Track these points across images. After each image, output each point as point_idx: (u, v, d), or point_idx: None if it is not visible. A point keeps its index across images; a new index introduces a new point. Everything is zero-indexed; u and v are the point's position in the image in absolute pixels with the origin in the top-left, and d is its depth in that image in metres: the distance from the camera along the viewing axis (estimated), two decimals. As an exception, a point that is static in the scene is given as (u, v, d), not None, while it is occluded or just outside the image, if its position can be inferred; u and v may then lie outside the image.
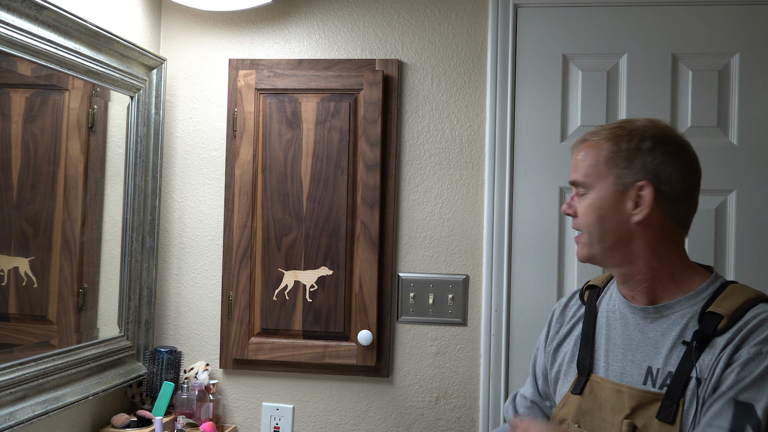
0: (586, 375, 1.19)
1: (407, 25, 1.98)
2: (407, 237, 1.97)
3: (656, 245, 1.14)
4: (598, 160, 1.14)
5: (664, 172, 1.12)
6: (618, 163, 1.13)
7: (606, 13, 1.90)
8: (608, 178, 1.14)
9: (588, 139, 1.18)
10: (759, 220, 1.83)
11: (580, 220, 1.17)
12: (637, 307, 1.17)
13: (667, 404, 1.07)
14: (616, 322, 1.19)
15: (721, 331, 1.06)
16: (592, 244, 1.16)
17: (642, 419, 1.08)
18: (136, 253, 1.92)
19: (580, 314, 1.28)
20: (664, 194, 1.12)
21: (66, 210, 1.66)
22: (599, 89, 1.89)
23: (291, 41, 2.03)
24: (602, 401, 1.15)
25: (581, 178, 1.16)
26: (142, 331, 1.94)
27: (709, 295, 1.12)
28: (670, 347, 1.10)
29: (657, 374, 1.10)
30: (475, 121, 1.95)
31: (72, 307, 1.70)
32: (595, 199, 1.14)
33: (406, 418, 1.95)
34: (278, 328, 1.97)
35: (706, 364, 1.06)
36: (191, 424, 1.84)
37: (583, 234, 1.17)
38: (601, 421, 1.14)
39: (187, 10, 2.05)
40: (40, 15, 1.48)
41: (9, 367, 1.45)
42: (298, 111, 1.97)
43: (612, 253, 1.15)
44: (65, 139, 1.64)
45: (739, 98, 1.85)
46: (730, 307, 1.08)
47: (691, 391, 1.06)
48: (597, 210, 1.14)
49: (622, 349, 1.16)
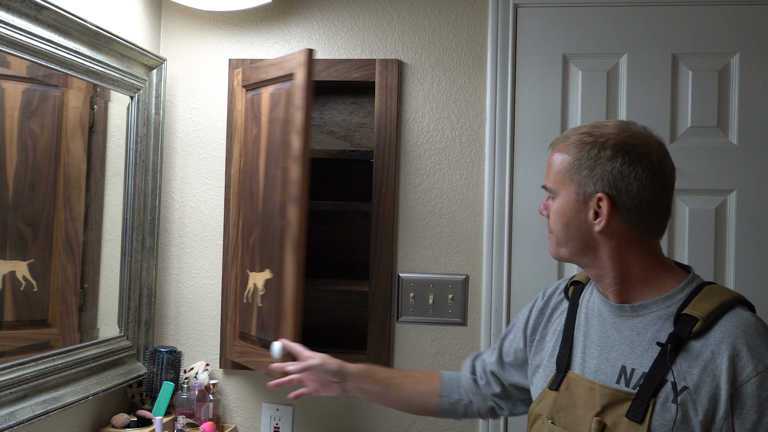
0: (564, 371, 1.20)
1: (407, 25, 1.98)
2: (407, 237, 1.97)
3: (622, 252, 1.14)
4: (564, 167, 1.16)
5: (622, 183, 1.11)
6: (580, 172, 1.14)
7: (606, 13, 1.90)
8: (571, 187, 1.15)
9: (559, 143, 1.20)
10: (759, 220, 1.83)
11: (550, 222, 1.20)
12: (614, 305, 1.17)
13: (637, 404, 1.07)
14: (595, 319, 1.20)
15: (696, 335, 1.06)
16: (560, 246, 1.19)
17: (612, 417, 1.09)
18: (136, 253, 1.92)
19: (562, 308, 1.29)
20: (624, 205, 1.11)
21: (67, 210, 1.66)
22: (599, 89, 1.89)
23: (291, 41, 2.03)
24: (576, 398, 1.16)
25: (550, 183, 1.19)
26: (142, 331, 1.94)
27: (685, 297, 1.11)
28: (645, 347, 1.11)
29: (631, 374, 1.11)
30: (475, 121, 1.95)
31: (73, 308, 1.70)
32: (560, 206, 1.17)
33: (406, 418, 1.95)
34: (245, 332, 1.90)
35: (684, 369, 1.06)
36: (191, 424, 1.84)
37: (553, 234, 1.20)
38: (574, 418, 1.15)
39: (187, 10, 2.05)
40: (40, 15, 1.48)
41: (9, 367, 1.44)
42: (259, 104, 1.88)
43: (579, 257, 1.18)
44: (65, 139, 1.64)
45: (739, 98, 1.85)
46: (705, 309, 1.08)
47: (665, 394, 1.06)
48: (562, 216, 1.17)
49: (598, 346, 1.17)
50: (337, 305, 2.08)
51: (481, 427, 1.91)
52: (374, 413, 1.97)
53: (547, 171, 1.20)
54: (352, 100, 2.07)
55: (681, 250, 1.86)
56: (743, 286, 1.83)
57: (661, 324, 1.11)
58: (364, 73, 1.96)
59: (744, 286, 1.82)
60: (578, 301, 1.26)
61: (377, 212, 1.95)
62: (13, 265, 1.49)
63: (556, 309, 1.31)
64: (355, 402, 1.97)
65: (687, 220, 1.85)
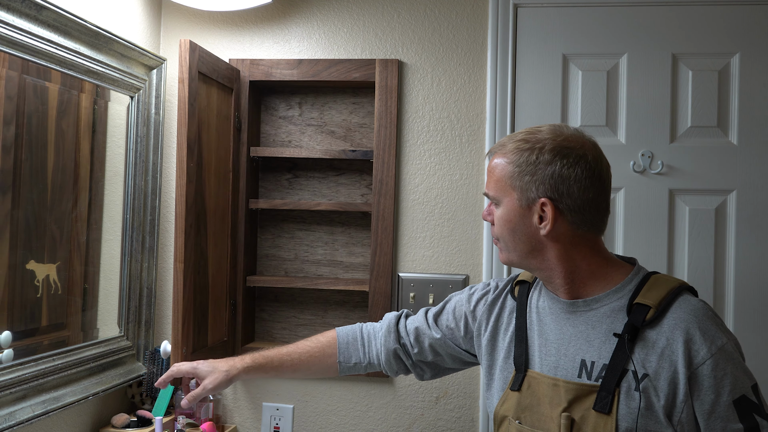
0: (523, 371, 1.21)
1: (407, 25, 1.98)
2: (407, 237, 1.97)
3: (569, 253, 1.17)
4: (504, 175, 1.17)
5: (563, 186, 1.13)
6: (522, 178, 1.15)
7: (606, 13, 1.90)
8: (513, 194, 1.17)
9: (496, 150, 1.21)
10: (759, 220, 1.83)
11: (495, 229, 1.21)
12: (566, 302, 1.19)
13: (602, 395, 1.10)
14: (547, 317, 1.22)
15: (650, 323, 1.10)
16: (509, 252, 1.21)
17: (579, 411, 1.11)
18: (136, 253, 1.92)
19: (510, 308, 1.30)
20: (567, 208, 1.14)
21: (78, 210, 1.66)
22: (599, 89, 1.89)
23: (291, 41, 2.03)
24: (540, 396, 1.17)
25: (492, 192, 1.20)
26: (142, 331, 1.94)
27: (634, 287, 1.15)
28: (602, 340, 1.13)
29: (591, 367, 1.13)
30: (475, 121, 1.95)
31: (79, 309, 1.70)
32: (504, 213, 1.18)
33: (406, 418, 1.95)
34: None
35: (643, 357, 1.09)
36: (191, 424, 1.84)
37: (499, 241, 1.22)
38: (541, 416, 1.16)
39: (187, 10, 2.05)
40: (40, 15, 1.48)
41: (9, 367, 1.44)
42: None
43: (528, 260, 1.20)
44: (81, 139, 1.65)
45: (739, 98, 1.85)
46: (656, 297, 1.11)
47: (627, 383, 1.09)
48: (507, 223, 1.18)
49: (554, 343, 1.19)
50: (337, 305, 2.08)
51: (481, 426, 1.91)
52: (374, 413, 1.97)
53: (488, 179, 1.22)
54: (352, 100, 2.08)
55: (681, 250, 1.86)
56: (743, 285, 1.83)
57: (615, 315, 1.14)
58: (364, 73, 1.96)
59: (744, 286, 1.83)
60: (526, 301, 1.28)
61: (377, 212, 1.95)
62: (48, 268, 1.48)
63: (503, 308, 1.32)
64: (356, 402, 1.97)
65: (687, 220, 1.85)
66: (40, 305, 1.45)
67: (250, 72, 2.01)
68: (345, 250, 2.08)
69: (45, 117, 1.48)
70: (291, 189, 2.11)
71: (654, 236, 1.85)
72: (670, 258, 1.86)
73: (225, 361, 1.40)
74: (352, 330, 1.47)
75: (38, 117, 1.47)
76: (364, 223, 2.06)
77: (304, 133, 2.09)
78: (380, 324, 1.47)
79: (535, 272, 1.22)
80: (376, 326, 1.47)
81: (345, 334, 1.46)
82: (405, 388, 1.96)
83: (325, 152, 1.99)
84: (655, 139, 1.86)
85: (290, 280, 2.02)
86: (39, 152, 1.46)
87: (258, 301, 2.12)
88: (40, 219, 1.46)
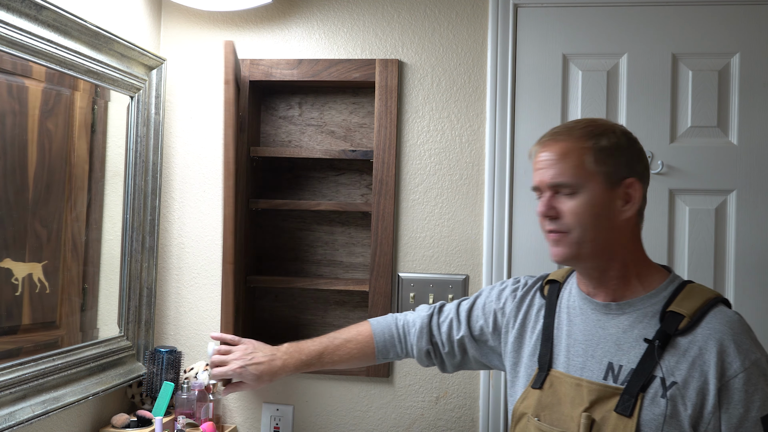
0: (546, 370, 1.21)
1: (407, 25, 1.98)
2: (407, 237, 1.97)
3: (631, 242, 1.17)
4: (584, 159, 1.14)
5: (639, 167, 1.16)
6: (605, 161, 1.14)
7: (606, 13, 1.90)
8: (597, 177, 1.14)
9: (559, 138, 1.17)
10: (759, 220, 1.83)
11: (569, 220, 1.14)
12: (598, 303, 1.18)
13: (625, 398, 1.09)
14: (577, 317, 1.21)
15: (683, 331, 1.09)
16: (581, 244, 1.15)
17: (600, 412, 1.11)
18: (136, 253, 1.92)
19: (538, 306, 1.30)
20: (643, 189, 1.16)
21: (74, 211, 1.66)
22: (599, 89, 1.89)
23: (291, 41, 2.03)
24: (562, 395, 1.17)
25: (568, 179, 1.14)
26: (142, 331, 1.94)
27: (669, 294, 1.14)
28: (632, 344, 1.13)
29: (619, 370, 1.12)
30: (475, 121, 1.95)
31: (77, 309, 1.70)
32: (588, 199, 1.13)
33: (406, 418, 1.95)
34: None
35: (672, 365, 1.08)
36: (191, 424, 1.84)
37: (570, 234, 1.15)
38: (561, 415, 1.16)
39: (187, 10, 2.05)
40: (40, 15, 1.48)
41: (9, 367, 1.44)
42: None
43: (598, 252, 1.16)
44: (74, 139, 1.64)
45: (739, 98, 1.85)
46: (690, 307, 1.10)
47: (654, 389, 1.08)
48: (591, 209, 1.13)
49: (582, 344, 1.18)
50: (337, 305, 2.08)
51: (481, 426, 1.91)
52: (374, 413, 1.97)
53: (549, 167, 1.16)
54: (352, 100, 2.07)
55: (681, 250, 1.86)
56: (743, 286, 1.83)
57: (647, 321, 1.13)
58: (364, 73, 1.96)
59: (744, 286, 1.83)
60: (556, 300, 1.27)
61: (377, 212, 1.95)
62: (31, 267, 1.48)
63: (531, 306, 1.31)
64: (356, 402, 1.97)
65: (687, 220, 1.85)
66: (19, 304, 1.44)
67: (250, 72, 2.01)
68: (345, 250, 2.08)
69: (24, 116, 1.46)
70: (291, 189, 2.11)
71: (654, 236, 1.85)
72: (670, 258, 1.86)
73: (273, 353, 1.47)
74: (388, 327, 1.48)
75: (14, 117, 1.45)
76: (364, 223, 2.06)
77: (304, 133, 2.09)
78: (413, 319, 1.47)
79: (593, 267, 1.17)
80: (409, 320, 1.47)
81: (381, 332, 1.47)
82: (405, 388, 1.96)
83: (325, 152, 1.99)
84: (655, 139, 1.86)
85: (290, 280, 2.02)
86: (16, 152, 1.44)
87: (258, 301, 2.12)
88: (20, 218, 1.45)
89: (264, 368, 1.43)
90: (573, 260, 1.17)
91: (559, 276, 1.31)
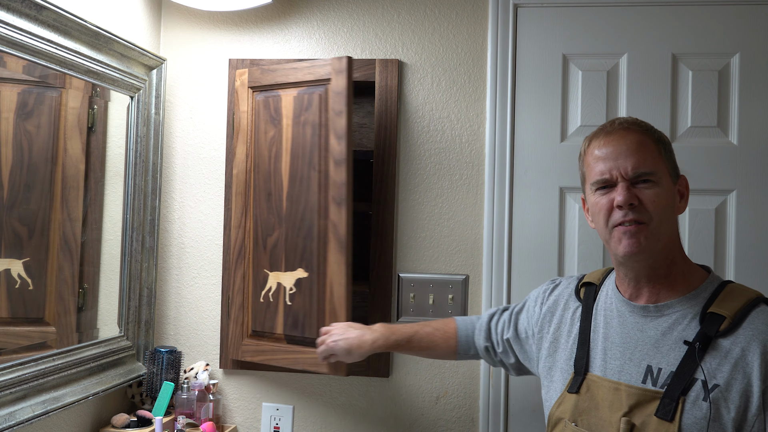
0: (583, 374, 1.19)
1: (407, 25, 1.98)
2: (407, 237, 1.96)
3: (677, 240, 1.17)
4: (656, 151, 1.15)
5: (677, 167, 1.19)
6: (669, 156, 1.17)
7: (606, 13, 1.90)
8: (667, 170, 1.16)
9: (632, 129, 1.17)
10: (759, 220, 1.83)
11: (650, 209, 1.11)
12: (636, 306, 1.16)
13: (666, 402, 1.06)
14: (614, 320, 1.19)
15: (724, 333, 1.06)
16: (657, 238, 1.12)
17: (640, 417, 1.08)
18: (136, 253, 1.92)
19: (573, 309, 1.28)
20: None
21: (66, 210, 1.66)
22: (599, 89, 1.89)
23: (291, 41, 2.03)
24: (600, 399, 1.14)
25: (649, 168, 1.13)
26: (142, 331, 1.94)
27: (708, 296, 1.12)
28: (671, 346, 1.10)
29: (658, 373, 1.10)
30: (475, 121, 1.95)
31: (72, 308, 1.70)
32: (663, 191, 1.13)
33: (406, 418, 1.95)
34: (264, 330, 1.91)
35: (714, 367, 1.05)
36: (191, 424, 1.84)
37: (649, 224, 1.11)
38: (599, 420, 1.13)
39: (187, 10, 2.05)
40: (40, 15, 1.48)
41: (9, 367, 1.45)
42: (279, 106, 1.90)
43: (665, 247, 1.14)
44: (63, 139, 1.64)
45: (739, 98, 1.84)
46: (732, 308, 1.08)
47: (695, 393, 1.05)
48: (666, 200, 1.13)
49: (620, 347, 1.16)
50: (337, 305, 2.08)
51: (481, 426, 1.91)
52: (374, 413, 1.97)
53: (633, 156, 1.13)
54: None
55: (681, 250, 1.86)
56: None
57: (687, 323, 1.10)
58: (364, 73, 1.96)
59: (744, 286, 1.83)
60: (592, 303, 1.25)
61: (377, 212, 1.95)
62: (8, 263, 1.50)
63: (567, 309, 1.30)
64: (356, 402, 1.97)
65: (687, 220, 1.85)
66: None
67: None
68: (345, 250, 2.08)
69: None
70: (291, 189, 2.11)
71: (654, 236, 1.85)
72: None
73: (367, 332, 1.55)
74: (471, 323, 1.54)
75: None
76: (365, 223, 2.06)
77: (304, 133, 2.09)
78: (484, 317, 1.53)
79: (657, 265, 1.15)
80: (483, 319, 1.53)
81: (465, 328, 1.53)
82: (405, 388, 1.96)
83: (325, 152, 1.99)
84: (655, 139, 1.86)
85: (290, 280, 2.02)
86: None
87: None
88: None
89: (354, 342, 1.51)
90: (646, 253, 1.12)
91: (594, 278, 1.29)
